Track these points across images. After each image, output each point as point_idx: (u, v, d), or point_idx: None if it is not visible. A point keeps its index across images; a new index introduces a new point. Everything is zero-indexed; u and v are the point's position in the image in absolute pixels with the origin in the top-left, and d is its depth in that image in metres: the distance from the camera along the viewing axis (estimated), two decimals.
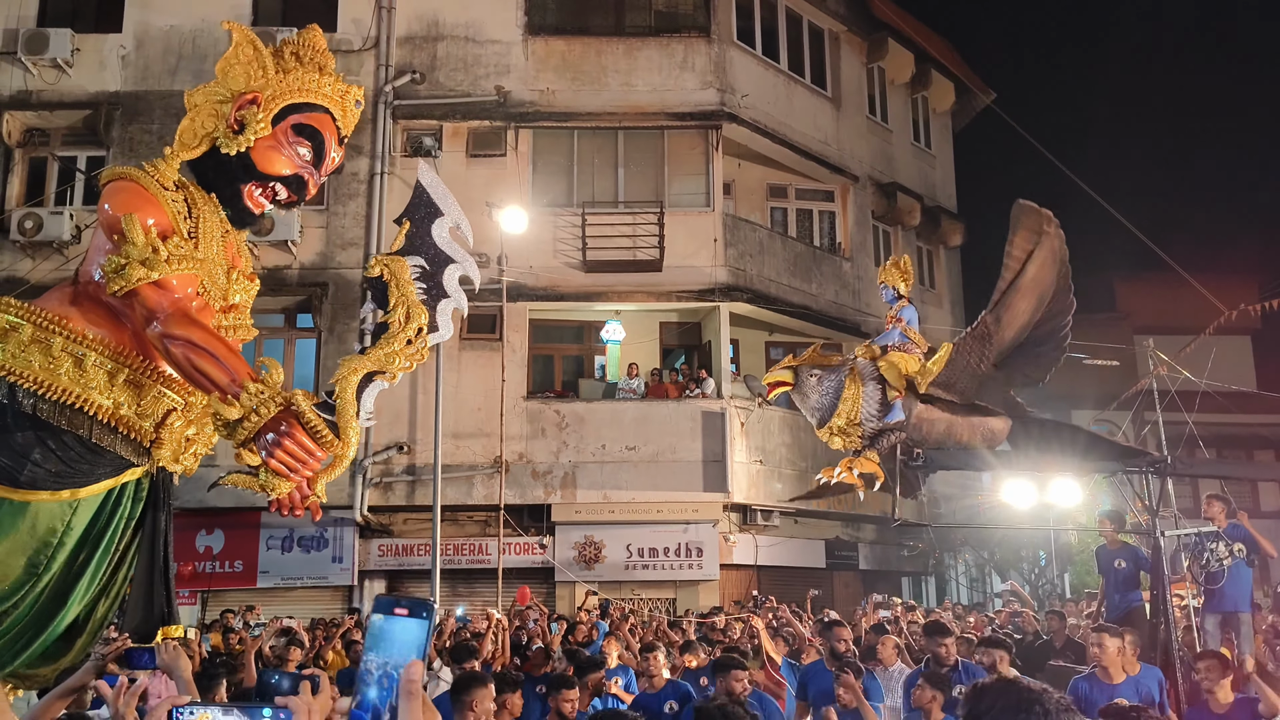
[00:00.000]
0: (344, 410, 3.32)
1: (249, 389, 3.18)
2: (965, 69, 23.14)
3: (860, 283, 19.08)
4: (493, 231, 15.82)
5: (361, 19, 17.00)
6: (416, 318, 3.54)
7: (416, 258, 3.62)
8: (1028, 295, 6.68)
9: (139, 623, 3.49)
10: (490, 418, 15.77)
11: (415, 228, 3.68)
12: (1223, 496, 9.03)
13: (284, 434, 3.18)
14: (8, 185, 16.44)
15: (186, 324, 3.35)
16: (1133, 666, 6.09)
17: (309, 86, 3.77)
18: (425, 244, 3.64)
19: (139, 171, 3.59)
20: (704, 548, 16.11)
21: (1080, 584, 17.69)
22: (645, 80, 17.19)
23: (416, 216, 3.69)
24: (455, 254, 3.65)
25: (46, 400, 3.31)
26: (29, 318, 3.39)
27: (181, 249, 3.47)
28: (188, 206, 3.65)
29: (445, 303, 3.60)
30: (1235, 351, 23.87)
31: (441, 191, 3.69)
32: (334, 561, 15.68)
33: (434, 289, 3.58)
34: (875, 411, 6.75)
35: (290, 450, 3.20)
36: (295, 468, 3.24)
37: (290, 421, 3.20)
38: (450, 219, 3.67)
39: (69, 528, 3.35)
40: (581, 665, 6.95)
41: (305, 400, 3.24)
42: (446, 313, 3.58)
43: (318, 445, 3.24)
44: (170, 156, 3.67)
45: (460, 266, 3.66)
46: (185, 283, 3.48)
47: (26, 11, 16.69)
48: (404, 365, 3.50)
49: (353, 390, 3.35)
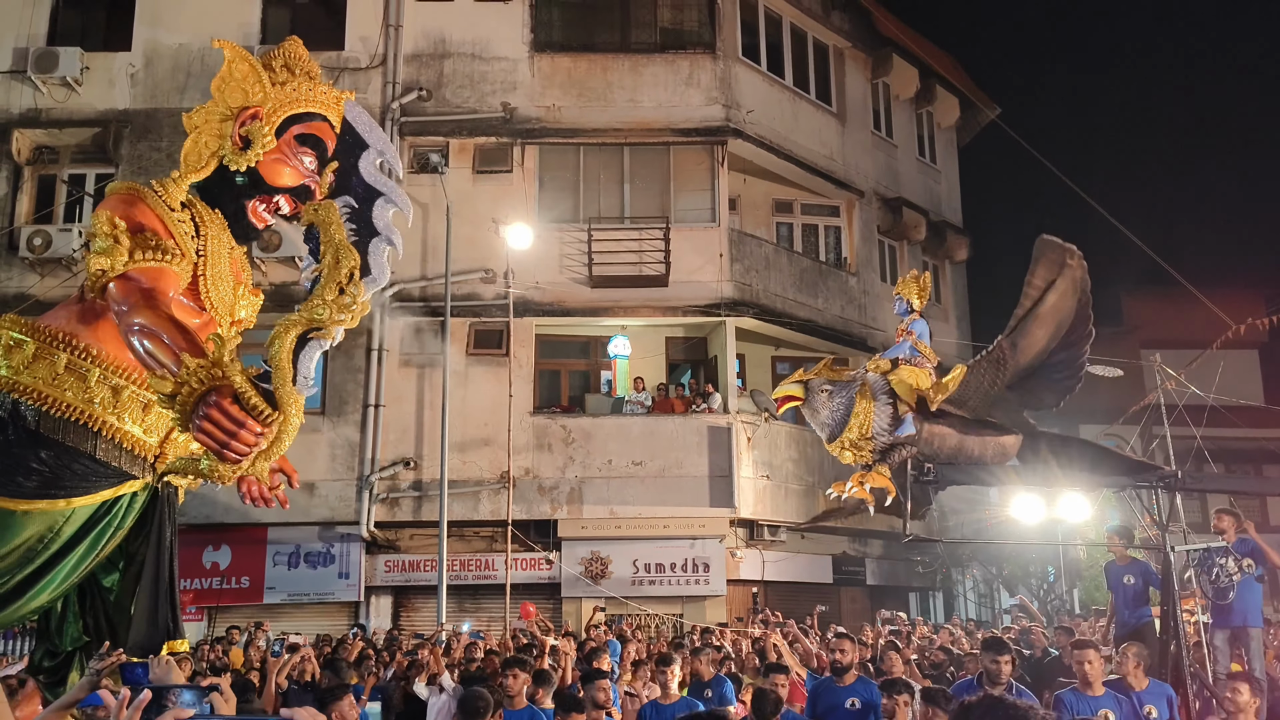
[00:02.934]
0: (279, 376, 3.01)
1: (186, 364, 2.98)
2: (970, 84, 23.18)
3: (866, 297, 19.08)
4: (500, 247, 15.86)
5: (369, 37, 17.13)
6: (346, 261, 3.18)
7: (345, 197, 3.30)
8: (1046, 323, 6.65)
9: (143, 638, 3.49)
10: (497, 433, 15.78)
11: (342, 165, 3.36)
12: (1232, 511, 8.96)
13: (211, 405, 2.92)
14: (17, 202, 16.53)
15: (143, 310, 3.28)
16: (1140, 681, 6.04)
17: (305, 96, 3.78)
18: (353, 182, 3.31)
19: (147, 190, 3.62)
20: (710, 563, 16.06)
21: (1090, 600, 17.59)
22: (651, 96, 17.26)
23: (344, 155, 3.37)
24: (384, 187, 3.32)
25: (50, 415, 3.32)
26: (34, 334, 3.41)
27: (154, 243, 3.45)
28: (195, 226, 3.67)
29: (376, 241, 3.26)
30: (1242, 366, 23.80)
31: (367, 123, 3.37)
32: (340, 577, 15.66)
33: (364, 228, 3.25)
34: (886, 426, 6.72)
35: (217, 420, 2.92)
36: (225, 441, 2.95)
37: (220, 391, 2.95)
38: (376, 151, 3.34)
39: (58, 534, 3.36)
40: (585, 676, 6.92)
41: (240, 372, 2.99)
42: (380, 253, 3.23)
43: (254, 418, 2.97)
44: (179, 179, 3.69)
45: (390, 200, 3.32)
46: (156, 277, 3.43)
47: (36, 30, 16.83)
48: (339, 318, 3.12)
49: (287, 354, 3.04)
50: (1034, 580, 20.31)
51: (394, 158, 3.39)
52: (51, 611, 3.67)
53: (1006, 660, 6.05)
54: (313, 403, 17.15)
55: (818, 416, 6.95)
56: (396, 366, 16.18)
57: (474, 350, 16.27)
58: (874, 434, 6.72)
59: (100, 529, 3.47)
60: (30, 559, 3.31)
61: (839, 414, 6.80)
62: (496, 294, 16.31)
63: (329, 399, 15.96)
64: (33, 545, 3.31)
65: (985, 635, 8.34)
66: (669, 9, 17.83)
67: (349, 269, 3.15)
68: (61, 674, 3.67)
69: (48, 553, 3.35)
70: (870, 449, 6.78)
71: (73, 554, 3.41)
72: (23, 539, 3.29)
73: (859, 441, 6.76)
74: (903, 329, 7.27)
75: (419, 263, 16.45)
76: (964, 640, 12.01)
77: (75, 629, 3.69)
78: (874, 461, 6.82)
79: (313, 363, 3.06)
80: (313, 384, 3.08)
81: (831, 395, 6.83)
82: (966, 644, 11.39)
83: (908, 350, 7.10)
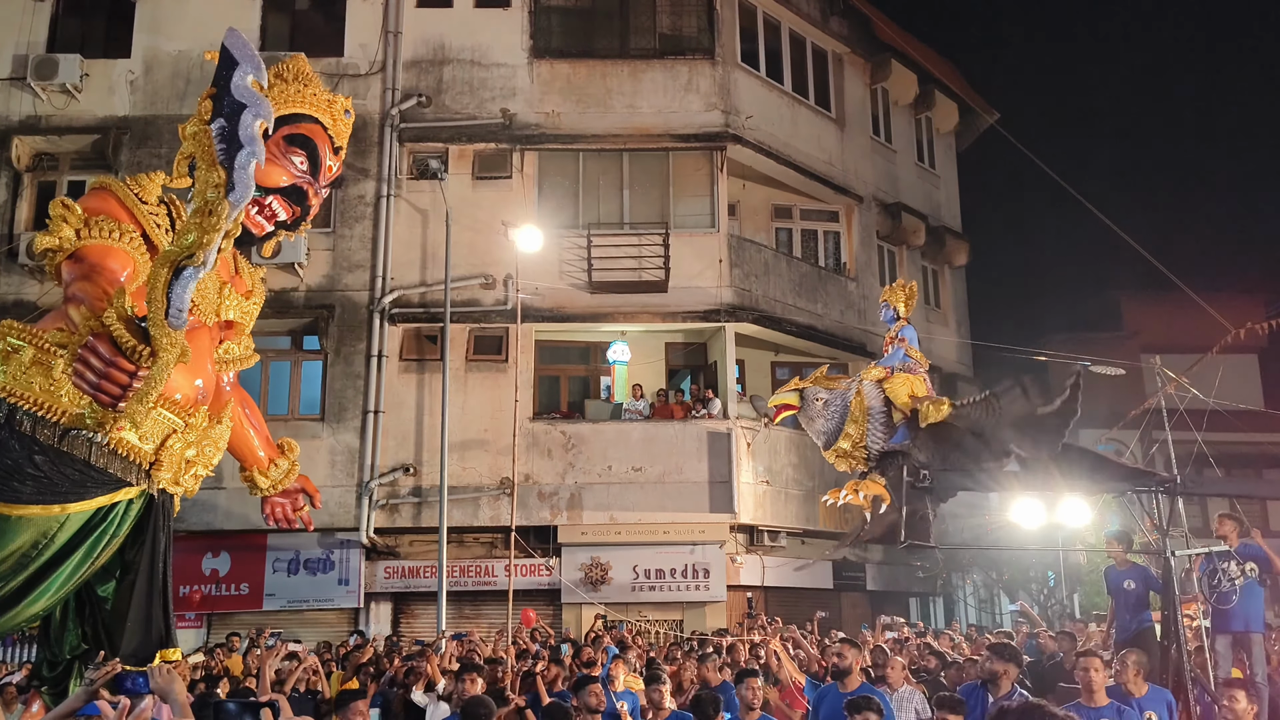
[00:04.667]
0: (151, 311, 2.90)
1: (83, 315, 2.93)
2: (968, 89, 23.23)
3: (865, 302, 19.08)
4: (499, 253, 15.86)
5: (368, 44, 17.16)
6: (210, 178, 3.06)
7: (219, 121, 3.17)
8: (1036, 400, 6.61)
9: (137, 646, 3.47)
10: (496, 439, 15.77)
11: (218, 90, 3.25)
12: (1235, 515, 8.96)
13: (87, 348, 2.87)
14: (16, 209, 16.55)
15: (79, 281, 3.26)
16: (1140, 688, 6.02)
17: (294, 98, 3.77)
18: (224, 102, 3.18)
19: (117, 182, 3.63)
20: (711, 569, 16.04)
21: (1090, 605, 17.55)
22: (650, 102, 17.28)
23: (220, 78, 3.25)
24: (248, 99, 3.14)
25: (46, 422, 3.32)
26: (30, 340, 3.41)
27: (102, 224, 3.42)
28: (170, 220, 3.67)
29: (242, 154, 3.07)
30: (1242, 370, 23.80)
31: (241, 44, 3.23)
32: (340, 584, 15.64)
33: (231, 144, 3.10)
34: (881, 434, 6.74)
35: (87, 359, 2.85)
36: (95, 382, 2.87)
37: (97, 335, 2.89)
38: (247, 68, 3.19)
39: (52, 540, 3.35)
40: (578, 682, 6.91)
41: (116, 314, 2.91)
42: (245, 167, 3.04)
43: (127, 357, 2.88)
44: (154, 175, 3.70)
45: (254, 110, 3.12)
46: (102, 255, 3.41)
47: (36, 37, 16.87)
48: (205, 240, 2.92)
49: (161, 287, 2.90)
50: (1034, 585, 20.27)
51: (261, 72, 3.23)
52: (51, 619, 3.66)
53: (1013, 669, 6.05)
54: (312, 409, 17.15)
55: (813, 425, 6.97)
56: (396, 373, 16.18)
57: (473, 356, 16.28)
58: (869, 442, 6.73)
59: (96, 536, 3.46)
60: (24, 565, 3.30)
61: (834, 423, 6.82)
62: (496, 300, 16.31)
63: (328, 405, 15.97)
64: (26, 551, 3.30)
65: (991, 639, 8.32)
66: (668, 15, 17.86)
67: (214, 185, 3.04)
68: (63, 683, 3.66)
69: (41, 559, 3.34)
70: (865, 457, 6.79)
71: (68, 562, 3.40)
72: (17, 544, 3.28)
73: (853, 450, 6.78)
74: (892, 336, 7.29)
75: (419, 269, 16.47)
76: (964, 645, 11.99)
77: (74, 637, 3.68)
78: (869, 469, 6.83)
79: (187, 293, 2.92)
80: (187, 317, 2.96)
81: (826, 404, 6.85)
82: (967, 649, 11.37)
83: (900, 357, 7.11)
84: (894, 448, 6.75)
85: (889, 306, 7.45)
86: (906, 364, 7.03)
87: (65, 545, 3.39)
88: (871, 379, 7.00)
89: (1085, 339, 23.64)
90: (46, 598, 3.41)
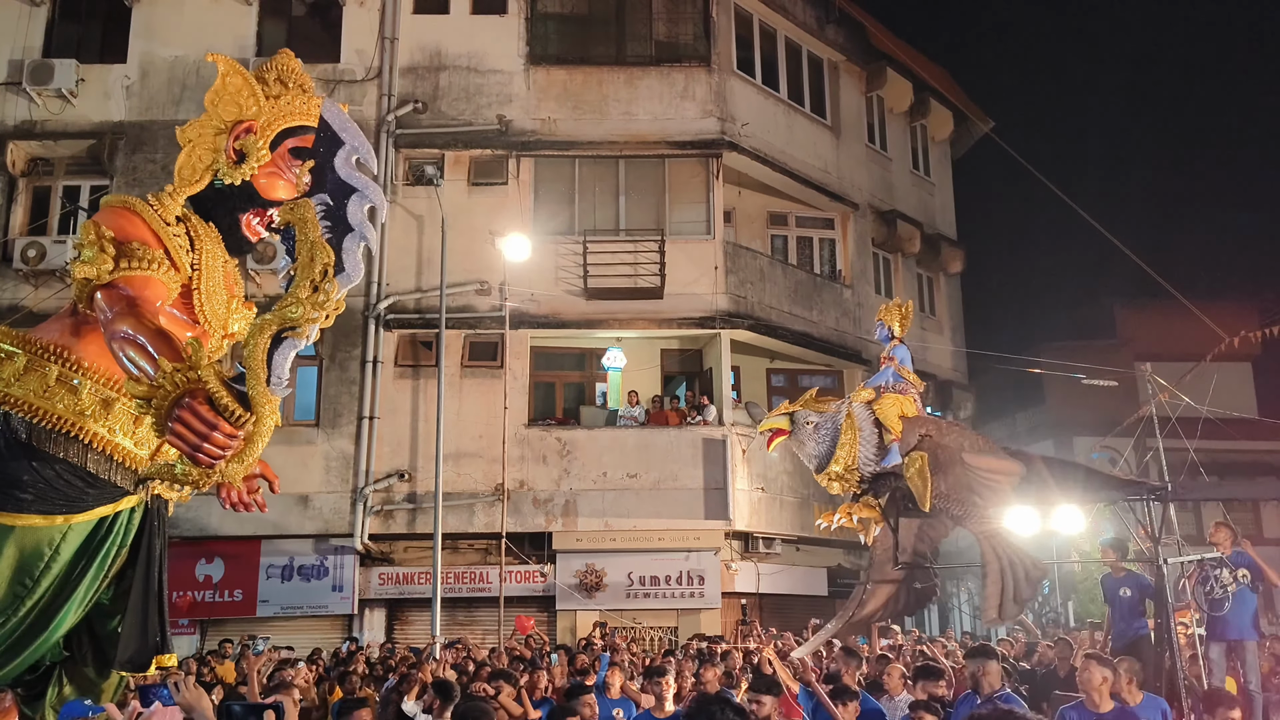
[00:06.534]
0: (252, 376, 2.96)
1: (164, 368, 2.94)
2: (964, 98, 23.31)
3: (861, 310, 19.12)
4: (495, 259, 15.86)
5: (365, 49, 17.16)
6: (320, 257, 3.11)
7: (321, 195, 3.24)
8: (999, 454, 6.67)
9: (133, 652, 3.46)
10: (491, 445, 15.75)
11: (318, 164, 3.31)
12: (1228, 523, 8.98)
13: (184, 407, 2.88)
14: (11, 214, 16.51)
15: (126, 317, 3.25)
16: (1134, 696, 6.01)
17: (299, 109, 3.78)
18: (328, 179, 3.26)
19: (141, 203, 3.62)
20: (705, 575, 16.03)
21: (1085, 612, 17.57)
22: (646, 109, 17.31)
23: (320, 153, 3.32)
24: (357, 183, 3.24)
25: (41, 428, 3.31)
26: (24, 346, 3.40)
27: (140, 252, 3.45)
28: (190, 240, 3.67)
29: (350, 238, 3.17)
30: (1236, 378, 23.85)
31: (343, 121, 3.30)
32: (334, 590, 15.59)
33: (338, 225, 3.18)
34: (873, 455, 6.73)
35: (189, 422, 2.87)
36: (197, 443, 2.89)
37: (194, 394, 2.91)
38: (351, 147, 3.28)
39: (57, 552, 3.34)
40: (572, 690, 6.88)
41: (214, 375, 2.95)
42: (354, 250, 3.15)
43: (226, 420, 2.91)
44: (174, 193, 3.69)
45: (364, 196, 3.23)
46: (142, 286, 3.42)
47: (32, 42, 16.85)
48: (312, 316, 3.02)
49: (261, 354, 2.97)
50: None
51: (368, 154, 3.29)
52: None
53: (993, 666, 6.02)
54: (307, 414, 17.09)
55: (804, 449, 6.98)
56: (391, 379, 16.16)
57: (469, 362, 16.26)
58: (860, 464, 6.73)
59: (106, 548, 3.46)
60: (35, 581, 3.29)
61: (825, 446, 6.82)
62: (491, 306, 16.31)
63: (323, 411, 15.94)
64: (31, 564, 3.29)
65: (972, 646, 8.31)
66: (664, 22, 17.89)
67: (322, 266, 3.08)
68: (39, 688, 3.64)
69: (52, 575, 3.33)
70: (857, 479, 6.78)
71: (85, 577, 3.40)
72: (16, 555, 3.27)
73: (845, 472, 6.77)
74: (885, 356, 7.30)
75: (414, 275, 16.46)
76: (958, 653, 11.97)
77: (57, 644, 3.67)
78: (862, 492, 6.82)
79: (287, 362, 3.01)
80: (286, 385, 3.02)
81: (817, 427, 6.85)
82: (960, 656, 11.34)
83: (890, 377, 7.12)
84: (885, 469, 6.75)
85: (884, 326, 7.47)
86: (898, 384, 7.04)
87: (73, 559, 3.39)
88: (861, 401, 7.01)
89: (1079, 347, 23.72)
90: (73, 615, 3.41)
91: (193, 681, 3.22)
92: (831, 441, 6.79)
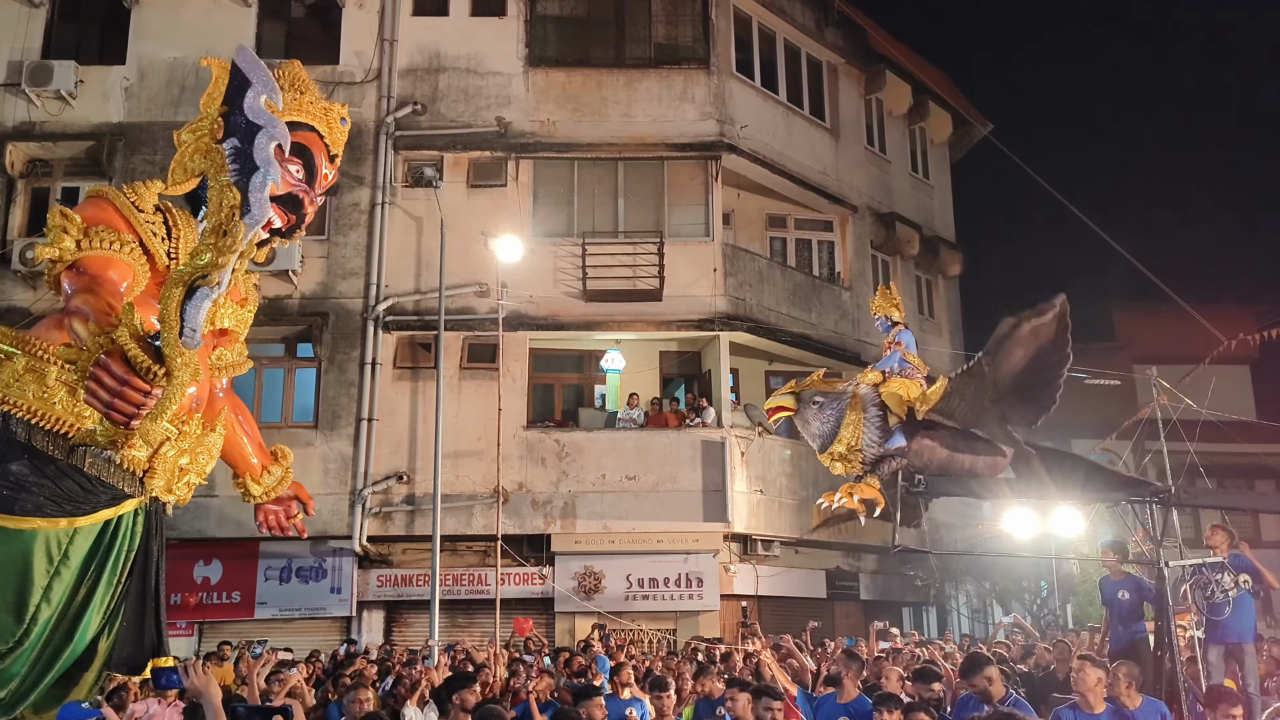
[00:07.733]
0: (165, 328, 2.91)
1: (92, 331, 2.94)
2: (963, 100, 23.32)
3: (860, 312, 19.11)
4: (493, 261, 15.85)
5: (364, 51, 17.16)
6: (227, 200, 3.08)
7: (232, 140, 3.17)
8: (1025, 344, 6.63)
9: (129, 654, 3.46)
10: (490, 447, 15.71)
11: (230, 109, 3.24)
12: (1225, 526, 8.97)
13: (99, 365, 2.87)
14: (10, 216, 16.50)
15: (81, 293, 3.27)
16: (1133, 699, 6.01)
17: (291, 106, 3.78)
18: (237, 122, 3.17)
19: (115, 191, 3.64)
20: (704, 578, 16.02)
21: (1083, 615, 17.55)
22: (645, 111, 17.31)
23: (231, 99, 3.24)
24: (263, 120, 3.15)
25: (40, 429, 3.31)
26: (24, 348, 3.39)
27: (103, 235, 3.47)
28: (167, 229, 3.68)
29: (256, 176, 3.08)
30: (1234, 381, 23.86)
31: (252, 63, 3.22)
32: (332, 592, 15.57)
33: (246, 165, 3.11)
34: (876, 438, 6.74)
35: (100, 378, 2.84)
36: (109, 400, 2.86)
37: (111, 354, 2.88)
38: (260, 88, 3.18)
39: (66, 557, 3.33)
40: (579, 693, 6.86)
41: (131, 334, 2.92)
42: (260, 189, 3.06)
43: (140, 377, 2.88)
44: (150, 185, 3.71)
45: (270, 133, 3.12)
46: (103, 265, 3.44)
47: (31, 44, 16.83)
48: (219, 261, 2.92)
49: (174, 307, 2.91)
50: (1027, 595, 20.28)
51: (275, 93, 3.24)
52: None
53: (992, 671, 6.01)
54: (305, 416, 17.09)
55: (809, 428, 6.98)
56: (390, 380, 16.14)
57: (467, 364, 16.24)
58: (864, 446, 6.74)
59: (116, 552, 3.46)
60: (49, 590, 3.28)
61: (829, 425, 6.83)
62: (490, 308, 16.27)
63: (322, 413, 15.93)
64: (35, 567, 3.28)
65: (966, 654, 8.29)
66: (663, 25, 17.89)
67: (230, 208, 3.05)
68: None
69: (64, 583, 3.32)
70: (860, 460, 6.80)
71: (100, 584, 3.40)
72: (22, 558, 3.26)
73: (848, 453, 6.79)
74: (890, 341, 7.31)
75: (413, 276, 16.45)
76: (957, 655, 11.95)
77: None
78: (864, 473, 6.83)
79: (200, 313, 2.93)
80: (200, 337, 2.96)
81: (822, 407, 6.86)
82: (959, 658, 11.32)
83: (897, 362, 7.13)
84: (889, 451, 6.76)
85: (882, 317, 7.48)
86: (904, 369, 7.05)
87: (83, 565, 3.38)
88: (868, 383, 7.02)
89: (1077, 349, 23.53)
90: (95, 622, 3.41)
91: (203, 665, 3.21)
92: (836, 421, 6.80)
